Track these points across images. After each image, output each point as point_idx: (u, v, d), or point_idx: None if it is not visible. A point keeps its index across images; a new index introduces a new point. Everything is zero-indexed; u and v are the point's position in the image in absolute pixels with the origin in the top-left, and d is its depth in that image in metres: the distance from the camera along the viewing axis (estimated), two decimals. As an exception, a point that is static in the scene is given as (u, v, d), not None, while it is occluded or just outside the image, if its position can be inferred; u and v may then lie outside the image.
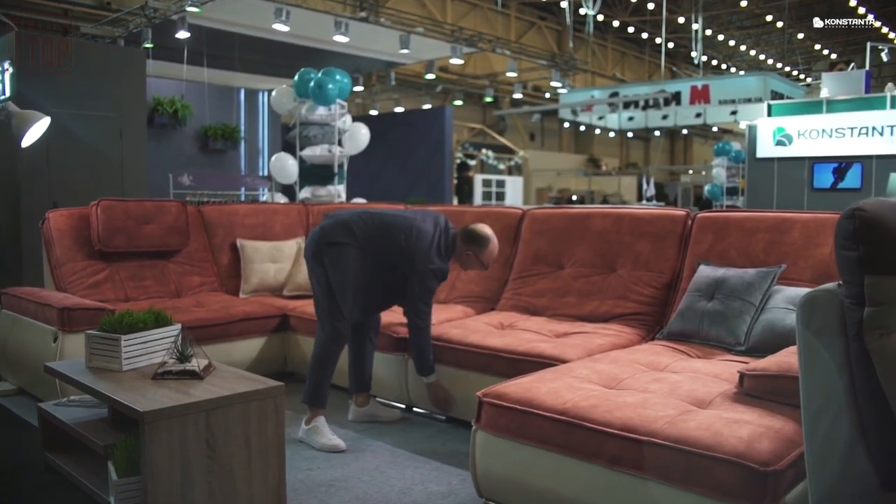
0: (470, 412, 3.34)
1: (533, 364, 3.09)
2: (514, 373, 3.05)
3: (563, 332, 3.53)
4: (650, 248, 3.71)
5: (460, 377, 3.48)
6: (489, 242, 3.53)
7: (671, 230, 3.69)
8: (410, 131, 13.57)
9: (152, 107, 9.73)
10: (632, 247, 3.78)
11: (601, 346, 3.24)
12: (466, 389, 3.36)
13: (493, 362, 3.31)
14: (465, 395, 3.41)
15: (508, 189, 17.70)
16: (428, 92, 20.32)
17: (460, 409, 3.51)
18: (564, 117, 21.58)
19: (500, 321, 3.79)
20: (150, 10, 10.10)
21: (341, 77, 5.89)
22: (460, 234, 3.54)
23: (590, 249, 3.94)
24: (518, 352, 3.24)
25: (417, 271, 3.40)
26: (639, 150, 32.62)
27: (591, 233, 3.97)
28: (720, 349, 3.07)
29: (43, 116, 4.05)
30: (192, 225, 4.93)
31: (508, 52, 15.33)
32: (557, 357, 3.08)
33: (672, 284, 3.60)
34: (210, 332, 4.07)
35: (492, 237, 3.55)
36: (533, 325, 3.66)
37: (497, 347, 3.33)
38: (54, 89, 7.35)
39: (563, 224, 4.12)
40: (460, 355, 3.46)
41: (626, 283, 3.73)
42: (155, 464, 2.29)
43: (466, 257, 3.54)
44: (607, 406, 2.31)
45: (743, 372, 2.39)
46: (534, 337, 3.43)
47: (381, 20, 11.40)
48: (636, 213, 3.93)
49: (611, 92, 19.28)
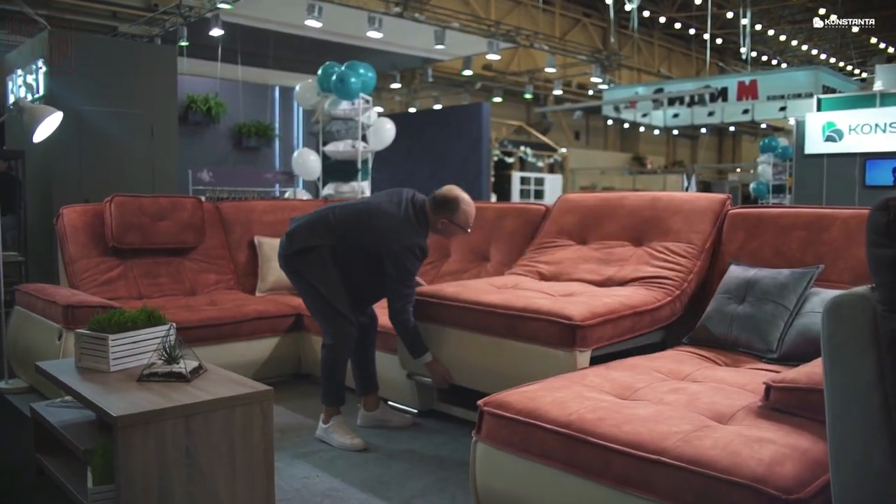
0: (464, 377, 3.25)
1: (532, 321, 2.91)
2: (511, 332, 2.96)
3: (570, 292, 3.26)
4: (682, 221, 3.47)
5: (453, 337, 3.25)
6: (458, 203, 3.27)
7: (708, 208, 3.47)
8: (448, 128, 13.38)
9: (186, 105, 9.75)
10: (664, 222, 3.54)
11: (607, 305, 2.99)
12: (460, 350, 3.22)
13: (488, 319, 3.08)
14: (459, 358, 3.24)
15: (547, 187, 17.38)
16: (467, 89, 20.13)
17: (456, 375, 3.30)
18: (608, 114, 21.15)
19: (505, 283, 3.53)
20: (185, 9, 10.12)
21: (365, 71, 5.74)
22: (429, 203, 3.30)
23: (618, 225, 3.71)
24: (515, 307, 3.00)
25: (389, 252, 3.18)
26: (685, 149, 31.90)
27: (622, 211, 3.75)
28: (750, 356, 2.82)
29: (54, 111, 3.99)
30: (210, 222, 4.84)
31: (547, 47, 15.03)
32: (556, 313, 2.86)
33: (701, 255, 3.33)
34: (219, 331, 3.97)
35: (460, 197, 3.29)
36: (539, 287, 3.40)
37: (493, 303, 3.09)
38: (86, 87, 7.38)
39: (595, 203, 3.94)
40: (454, 313, 3.22)
41: (652, 252, 3.48)
42: (130, 471, 2.16)
43: (442, 225, 3.30)
44: (616, 419, 2.10)
45: (769, 383, 2.15)
46: (536, 295, 3.18)
47: (416, 15, 11.24)
48: (675, 195, 3.75)
49: (655, 88, 18.82)
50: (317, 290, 3.28)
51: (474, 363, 3.19)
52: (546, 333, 2.89)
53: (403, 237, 3.18)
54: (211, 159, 10.02)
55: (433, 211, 3.28)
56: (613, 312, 2.97)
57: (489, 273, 4.24)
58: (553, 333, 2.86)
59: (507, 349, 3.03)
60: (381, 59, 13.34)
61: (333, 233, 3.28)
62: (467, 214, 3.32)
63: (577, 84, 23.56)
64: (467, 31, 12.39)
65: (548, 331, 2.88)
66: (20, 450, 3.20)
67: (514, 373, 2.93)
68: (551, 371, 2.75)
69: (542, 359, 2.90)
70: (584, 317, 2.85)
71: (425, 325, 3.35)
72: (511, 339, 3.01)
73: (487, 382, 3.08)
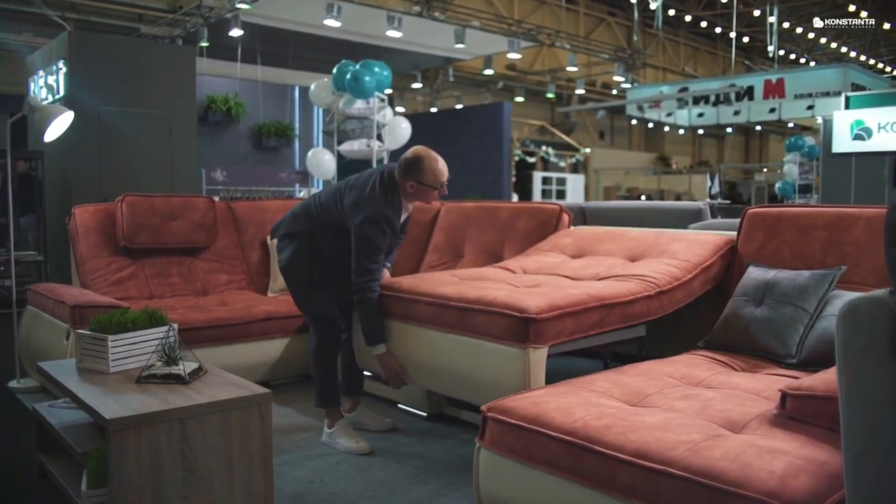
0: (418, 376, 3.02)
1: (483, 314, 2.68)
2: (463, 326, 2.75)
3: (536, 283, 3.03)
4: (683, 247, 3.29)
5: (406, 332, 3.03)
6: (423, 162, 3.05)
7: (711, 241, 3.30)
8: (469, 128, 13.33)
9: (206, 105, 9.77)
10: (663, 246, 3.37)
11: (571, 297, 2.72)
12: (414, 347, 3.01)
13: (441, 313, 2.85)
14: (412, 355, 3.02)
15: (569, 187, 17.21)
16: (489, 89, 20.03)
17: (410, 373, 3.10)
18: (632, 114, 20.93)
19: (471, 274, 3.34)
20: (205, 10, 10.15)
21: (380, 70, 5.69)
22: (396, 171, 3.11)
23: (617, 245, 3.52)
24: (467, 299, 2.77)
25: (354, 226, 3.05)
26: (712, 148, 31.51)
27: (625, 236, 3.59)
28: (768, 361, 2.71)
29: (65, 111, 3.98)
30: (222, 221, 4.81)
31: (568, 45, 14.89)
32: (509, 304, 2.62)
33: (694, 270, 3.12)
34: (228, 331, 3.93)
35: (425, 155, 3.07)
36: (505, 278, 3.18)
37: (446, 295, 2.86)
38: (106, 88, 7.40)
39: (600, 232, 3.76)
40: (407, 306, 3.01)
41: (643, 262, 3.27)
42: (123, 475, 2.11)
43: (412, 189, 3.07)
44: (623, 427, 2.01)
45: (785, 391, 2.05)
46: (495, 286, 2.95)
47: (436, 14, 11.17)
48: (679, 232, 3.63)
49: (680, 87, 18.58)
50: (300, 287, 3.26)
51: (427, 361, 2.96)
52: (498, 328, 2.65)
53: (368, 208, 3.03)
54: (231, 159, 10.04)
55: (401, 177, 3.09)
56: (576, 304, 2.71)
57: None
58: (505, 328, 2.63)
59: (459, 345, 2.81)
60: (401, 59, 13.30)
61: (313, 219, 3.23)
62: (435, 171, 3.06)
63: (602, 83, 23.36)
64: (488, 30, 12.29)
65: (500, 325, 2.64)
66: (24, 450, 3.18)
67: (466, 371, 2.77)
68: (503, 370, 2.60)
69: (493, 356, 2.68)
70: (539, 309, 2.60)
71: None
72: (463, 334, 2.78)
73: (440, 382, 2.92)
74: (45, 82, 7.94)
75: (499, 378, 2.66)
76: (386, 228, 3.04)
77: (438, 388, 2.98)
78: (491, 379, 2.69)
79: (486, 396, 2.56)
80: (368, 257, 3.02)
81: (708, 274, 3.16)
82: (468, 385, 2.83)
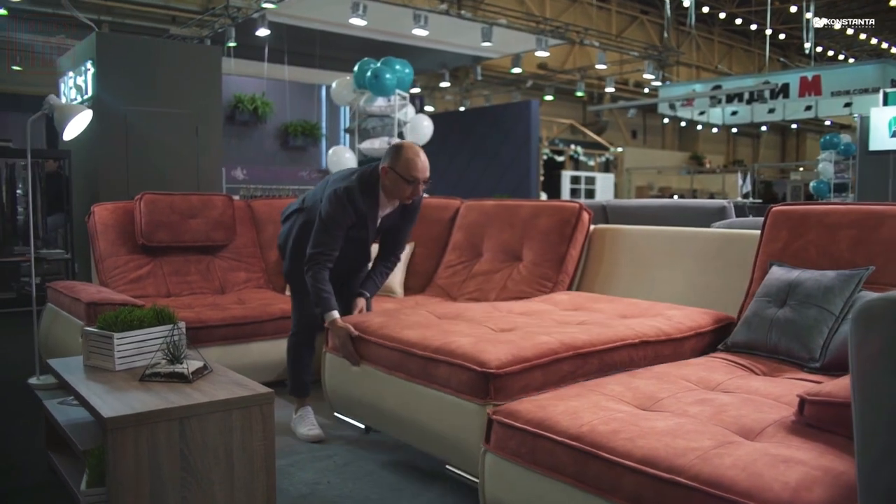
0: (383, 423, 2.84)
1: (444, 365, 2.49)
2: (425, 376, 2.57)
3: (512, 326, 2.84)
4: (681, 313, 3.13)
5: (373, 377, 2.86)
6: (401, 150, 3.03)
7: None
8: (496, 127, 13.24)
9: (233, 104, 9.83)
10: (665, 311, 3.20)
11: (541, 346, 2.50)
12: (379, 392, 2.82)
13: (405, 360, 2.68)
14: (377, 401, 2.83)
15: (599, 186, 17.01)
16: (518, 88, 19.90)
17: (376, 420, 2.96)
18: (663, 112, 20.64)
19: (448, 311, 3.16)
20: (232, 10, 10.21)
21: (401, 67, 5.64)
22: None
23: (614, 307, 3.30)
24: (430, 347, 2.59)
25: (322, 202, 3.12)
26: (746, 147, 30.98)
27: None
28: (791, 365, 2.60)
29: (84, 109, 3.99)
30: (241, 220, 4.80)
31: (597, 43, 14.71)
32: (469, 356, 2.43)
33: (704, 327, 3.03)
34: (243, 330, 3.91)
35: (408, 147, 3.05)
36: (485, 318, 2.96)
37: (410, 342, 2.69)
38: (133, 88, 7.46)
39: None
40: (373, 349, 2.87)
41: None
42: (120, 474, 2.08)
43: (385, 176, 3.06)
44: (631, 432, 1.92)
45: (803, 396, 1.95)
46: (465, 330, 2.75)
47: (462, 12, 11.10)
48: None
49: (713, 85, 18.26)
50: (290, 280, 3.35)
51: (393, 409, 2.76)
52: (458, 381, 2.46)
53: (338, 185, 3.09)
54: (258, 159, 10.09)
55: (382, 161, 3.10)
56: (546, 355, 2.48)
57: (521, 273, 4.09)
58: (465, 381, 2.43)
59: (421, 396, 2.61)
60: (429, 58, 13.27)
61: (304, 207, 3.32)
62: (409, 163, 3.01)
63: (634, 82, 23.09)
64: (515, 27, 12.19)
65: (459, 378, 2.45)
66: (35, 447, 3.19)
67: (428, 424, 2.58)
68: (463, 427, 2.40)
69: (453, 410, 2.48)
70: (501, 363, 2.39)
71: (344, 361, 3.05)
72: (425, 385, 2.59)
73: (406, 432, 2.73)
74: (74, 83, 8.03)
75: (461, 435, 2.45)
76: (348, 206, 3.05)
77: (406, 438, 2.76)
78: (453, 435, 2.49)
79: (451, 454, 2.48)
80: (324, 230, 3.05)
81: (701, 341, 2.97)
82: (432, 440, 2.62)
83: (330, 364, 3.07)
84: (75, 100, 7.96)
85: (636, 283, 3.73)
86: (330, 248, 3.06)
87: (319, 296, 3.05)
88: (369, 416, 2.92)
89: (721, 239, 3.48)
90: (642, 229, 3.87)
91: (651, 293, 3.63)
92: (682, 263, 3.57)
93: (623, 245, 3.90)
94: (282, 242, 3.46)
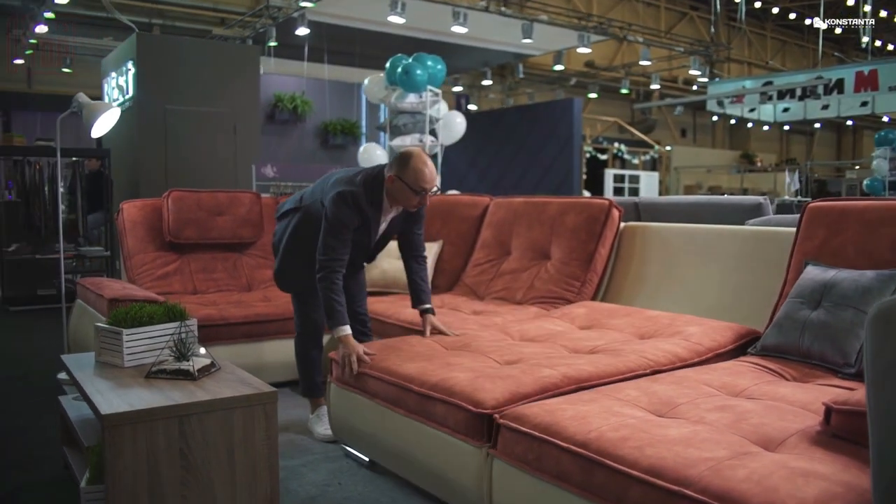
0: (384, 457, 2.68)
1: (442, 404, 2.31)
2: (423, 412, 2.40)
3: (517, 358, 2.63)
4: (700, 331, 2.94)
5: (373, 410, 2.67)
6: (410, 159, 2.92)
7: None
8: (538, 125, 13.08)
9: (273, 103, 9.89)
10: (684, 328, 3.03)
11: (543, 381, 2.33)
12: (380, 426, 2.64)
13: (403, 395, 2.50)
14: (379, 435, 2.65)
15: (643, 184, 16.67)
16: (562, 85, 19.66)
17: (374, 452, 2.79)
18: (712, 110, 20.16)
19: (456, 342, 2.93)
20: (273, 10, 10.28)
21: (433, 63, 5.57)
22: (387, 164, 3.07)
23: (632, 322, 3.14)
24: (428, 383, 2.41)
25: (325, 205, 3.01)
26: (800, 145, 30.08)
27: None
28: (824, 370, 2.44)
29: (111, 107, 4.01)
30: (269, 216, 4.78)
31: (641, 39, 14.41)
32: (468, 396, 2.25)
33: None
34: (266, 327, 3.89)
35: (416, 154, 2.95)
36: (492, 348, 2.76)
37: (408, 376, 2.50)
38: (172, 88, 7.57)
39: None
40: (373, 382, 2.68)
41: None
42: (118, 472, 2.05)
43: (391, 184, 2.96)
44: (640, 440, 1.81)
45: (830, 405, 1.81)
46: (468, 364, 2.54)
47: (502, 9, 10.98)
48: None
49: (764, 81, 17.75)
50: (292, 278, 3.30)
51: (393, 444, 2.60)
52: (454, 420, 2.28)
53: (342, 186, 3.00)
54: (298, 157, 10.15)
55: (388, 169, 3.01)
56: (547, 391, 2.29)
57: (548, 272, 3.97)
58: (461, 421, 2.25)
59: (420, 433, 2.44)
60: (471, 56, 13.17)
61: (301, 206, 3.24)
62: (417, 173, 2.90)
63: (683, 80, 22.61)
64: (556, 24, 12.01)
65: (456, 417, 2.27)
66: (54, 443, 3.21)
67: (427, 463, 2.42)
68: (460, 470, 2.25)
69: (451, 451, 2.30)
70: (497, 402, 2.19)
71: (347, 392, 2.85)
72: (423, 422, 2.41)
73: (406, 469, 2.59)
74: (116, 83, 8.19)
75: (458, 478, 2.29)
76: (353, 209, 2.95)
77: (405, 475, 2.62)
78: (451, 478, 2.33)
79: (450, 497, 2.36)
80: (332, 234, 2.95)
81: (721, 360, 2.76)
82: (431, 480, 2.47)
83: (335, 395, 2.93)
84: (117, 100, 8.11)
85: (667, 283, 3.59)
86: (341, 253, 2.97)
87: (333, 308, 2.92)
88: (372, 449, 2.79)
89: (755, 237, 3.31)
90: (673, 227, 3.72)
91: (682, 294, 3.48)
92: (715, 262, 3.42)
93: (654, 243, 3.75)
94: (276, 241, 3.35)
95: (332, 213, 2.95)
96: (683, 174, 23.05)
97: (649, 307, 3.48)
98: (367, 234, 3.09)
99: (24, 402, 3.89)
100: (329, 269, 2.94)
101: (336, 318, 2.90)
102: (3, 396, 4.00)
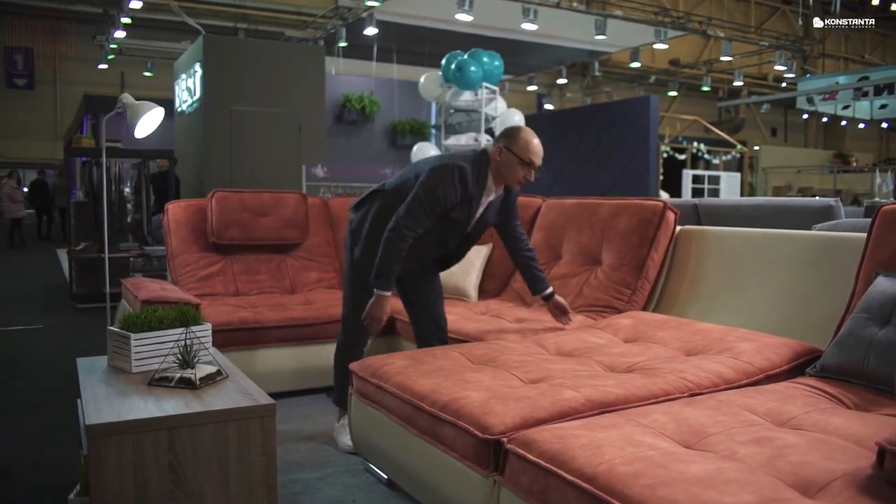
0: (397, 475, 2.51)
1: (451, 427, 2.12)
2: (435, 435, 2.19)
3: (543, 376, 2.40)
4: (752, 348, 2.64)
5: (389, 428, 2.49)
6: (519, 131, 2.95)
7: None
8: (613, 124, 12.67)
9: (341, 103, 9.90)
10: (735, 344, 2.71)
11: (562, 405, 2.10)
12: (395, 443, 2.46)
13: (415, 415, 2.32)
14: (393, 451, 2.49)
15: (723, 185, 15.93)
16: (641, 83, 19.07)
17: (391, 470, 2.61)
18: (802, 107, 19.14)
19: (482, 356, 2.69)
20: (343, 10, 10.30)
21: (490, 60, 5.37)
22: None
23: (679, 336, 2.86)
24: (438, 403, 2.22)
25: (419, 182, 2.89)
26: (901, 144, 28.35)
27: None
28: (891, 397, 2.13)
29: (155, 107, 4.01)
30: (316, 218, 4.71)
31: (722, 33, 13.77)
32: (476, 420, 2.04)
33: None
34: (301, 332, 3.80)
35: (525, 128, 3.01)
36: (519, 363, 2.55)
37: (421, 395, 2.31)
38: (238, 88, 7.63)
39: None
40: (388, 398, 2.49)
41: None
42: (103, 486, 1.95)
43: (499, 156, 2.92)
44: (655, 477, 1.58)
45: (884, 444, 1.53)
46: (486, 382, 2.33)
47: (574, 4, 10.65)
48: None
49: (859, 76, 16.71)
50: (352, 273, 3.17)
51: (406, 463, 2.43)
52: (462, 445, 2.08)
53: (447, 159, 2.93)
54: (366, 157, 10.12)
55: (495, 142, 2.98)
56: (563, 416, 2.06)
57: (598, 279, 3.73)
58: (468, 446, 2.05)
59: (431, 456, 2.24)
60: (543, 54, 12.89)
61: (384, 191, 3.09)
62: (528, 144, 2.90)
63: (773, 77, 21.60)
64: (631, 19, 11.59)
65: (464, 442, 2.07)
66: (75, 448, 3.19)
67: (436, 488, 2.24)
68: (468, 497, 2.05)
69: (458, 477, 2.10)
70: (507, 427, 1.99)
71: (365, 407, 2.65)
72: (433, 444, 2.23)
73: (416, 489, 2.40)
74: (185, 85, 8.33)
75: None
76: (458, 182, 2.84)
77: (419, 497, 2.45)
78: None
79: None
80: (421, 205, 2.82)
81: (773, 381, 2.44)
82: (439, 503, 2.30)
83: (355, 408, 2.77)
84: (186, 101, 8.25)
85: (723, 292, 3.29)
86: (419, 224, 2.84)
87: (388, 268, 2.83)
88: (388, 466, 2.61)
89: (823, 243, 2.98)
90: (733, 231, 3.41)
91: (739, 304, 3.18)
92: (777, 270, 3.10)
93: (711, 248, 3.46)
94: (354, 228, 3.15)
95: (431, 185, 2.83)
96: (772, 175, 21.99)
97: (703, 318, 3.20)
98: (468, 210, 2.96)
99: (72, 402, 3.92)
100: (399, 233, 2.82)
101: (387, 280, 2.85)
102: (62, 394, 4.04)
